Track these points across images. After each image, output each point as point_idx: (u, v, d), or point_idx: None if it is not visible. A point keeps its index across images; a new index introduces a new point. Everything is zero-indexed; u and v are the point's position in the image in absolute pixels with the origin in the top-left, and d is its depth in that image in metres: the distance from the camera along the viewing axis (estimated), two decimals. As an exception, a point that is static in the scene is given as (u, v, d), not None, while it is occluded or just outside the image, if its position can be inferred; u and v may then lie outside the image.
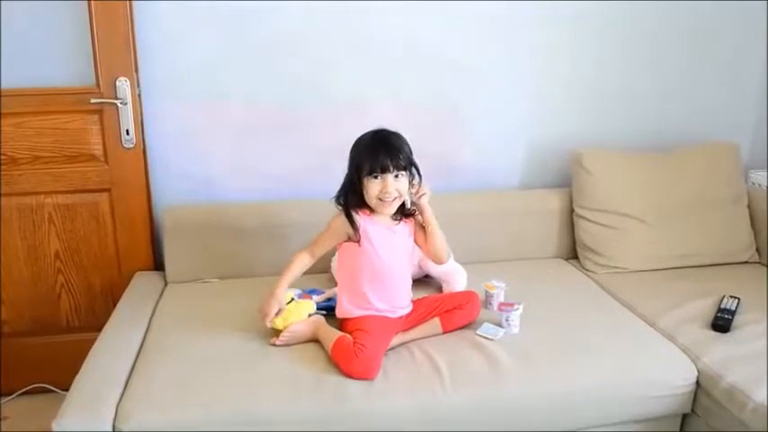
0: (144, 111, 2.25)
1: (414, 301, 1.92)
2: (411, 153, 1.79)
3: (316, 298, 1.96)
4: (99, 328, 1.91)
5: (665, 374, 1.79)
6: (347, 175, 1.81)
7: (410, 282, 1.93)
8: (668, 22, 2.54)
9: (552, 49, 2.50)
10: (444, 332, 1.88)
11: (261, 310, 1.80)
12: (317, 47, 2.32)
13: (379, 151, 1.74)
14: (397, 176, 1.75)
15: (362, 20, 2.32)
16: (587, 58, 2.53)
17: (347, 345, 1.70)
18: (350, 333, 1.76)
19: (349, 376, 1.66)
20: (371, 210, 1.81)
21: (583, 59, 2.53)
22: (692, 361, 1.81)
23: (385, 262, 1.81)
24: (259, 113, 2.35)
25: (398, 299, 1.86)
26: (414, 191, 1.81)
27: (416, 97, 2.43)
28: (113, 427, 1.52)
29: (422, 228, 1.88)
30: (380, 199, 1.76)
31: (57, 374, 2.25)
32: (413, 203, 1.83)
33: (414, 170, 1.79)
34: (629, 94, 2.60)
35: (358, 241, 1.80)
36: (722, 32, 2.60)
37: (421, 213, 1.85)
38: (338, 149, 1.86)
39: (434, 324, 1.88)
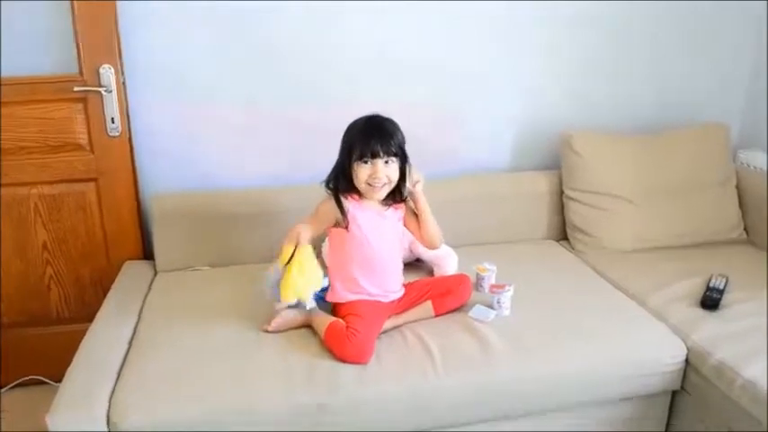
0: (131, 99, 2.22)
1: (405, 285, 1.92)
2: (403, 140, 1.79)
3: None
4: (89, 319, 1.90)
5: (656, 353, 1.81)
6: (338, 159, 1.81)
7: (401, 266, 1.93)
8: (660, 8, 2.54)
9: (544, 35, 2.49)
10: (436, 315, 1.89)
11: (291, 231, 1.74)
12: (310, 39, 2.30)
13: (372, 136, 1.73)
14: (387, 162, 1.75)
15: (357, 19, 2.31)
16: (577, 44, 2.52)
17: (340, 329, 1.70)
18: (342, 318, 1.76)
19: (342, 360, 1.67)
20: (360, 195, 1.81)
21: (573, 45, 2.52)
22: (682, 339, 1.83)
23: (375, 247, 1.81)
24: (248, 101, 2.33)
25: (389, 283, 1.86)
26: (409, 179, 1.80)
27: (407, 82, 2.42)
28: (107, 421, 1.52)
29: (413, 213, 1.88)
30: (369, 184, 1.75)
31: (49, 366, 2.24)
32: (408, 191, 1.83)
33: (406, 156, 1.78)
34: (619, 77, 2.60)
35: (346, 227, 1.79)
36: (712, 16, 2.59)
37: (415, 201, 1.85)
38: (330, 139, 1.84)
39: (426, 307, 1.88)
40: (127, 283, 2.15)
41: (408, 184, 1.81)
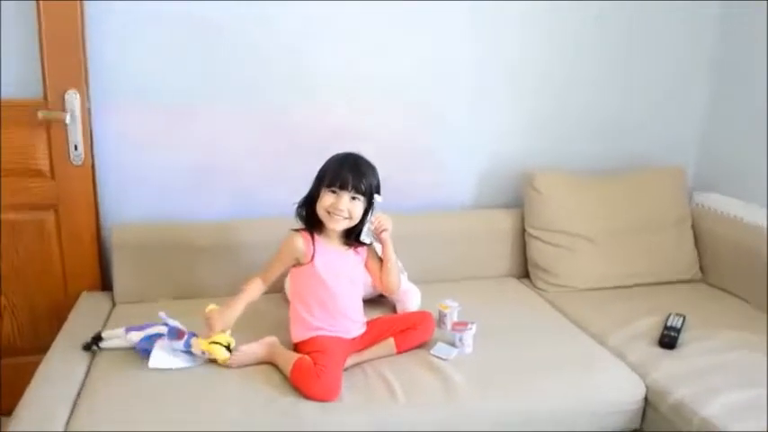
0: (94, 125, 2.19)
1: (368, 322, 1.92)
2: (377, 185, 1.81)
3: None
4: (43, 351, 1.85)
5: (615, 392, 1.83)
6: (312, 185, 1.82)
7: (360, 304, 1.92)
8: (619, 52, 2.63)
9: (511, 77, 2.55)
10: (398, 352, 1.88)
11: (207, 319, 1.75)
12: (285, 73, 2.33)
13: (345, 168, 1.76)
14: (353, 198, 1.76)
15: (330, 57, 2.35)
16: (543, 86, 2.59)
17: (308, 366, 1.68)
18: (307, 354, 1.74)
19: (311, 398, 1.64)
20: (321, 231, 1.82)
21: (539, 86, 2.59)
22: (641, 378, 1.86)
23: (331, 287, 1.81)
24: (215, 133, 2.32)
25: (347, 322, 1.85)
26: (374, 226, 1.81)
27: (374, 119, 2.44)
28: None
29: (377, 258, 1.89)
30: (329, 212, 1.76)
31: (-4, 399, 2.17)
32: (374, 237, 1.83)
33: (372, 201, 1.79)
34: (579, 120, 2.67)
35: (312, 257, 1.79)
36: (669, 60, 2.70)
37: (382, 248, 1.86)
38: (299, 172, 1.85)
39: (389, 344, 1.87)
40: (84, 314, 2.09)
41: (371, 228, 1.81)
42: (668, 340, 1.98)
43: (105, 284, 2.29)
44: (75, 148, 2.13)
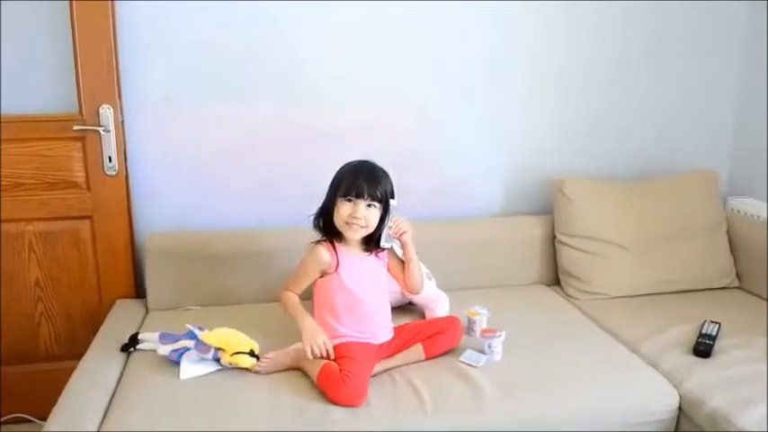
0: (127, 137, 2.24)
1: (396, 328, 1.92)
2: (391, 191, 1.82)
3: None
4: (79, 357, 1.89)
5: (648, 401, 1.80)
6: (326, 196, 1.84)
7: (388, 309, 1.93)
8: (648, 58, 2.60)
9: (537, 79, 2.54)
10: (427, 358, 1.88)
11: (318, 347, 1.75)
12: (302, 70, 2.35)
13: (359, 177, 1.77)
14: (369, 206, 1.77)
15: (350, 51, 2.37)
16: (570, 89, 2.57)
17: (334, 372, 1.69)
18: (334, 361, 1.75)
19: (336, 403, 1.65)
20: (340, 239, 1.83)
21: (566, 90, 2.57)
22: (675, 386, 1.82)
23: (356, 291, 1.82)
24: (244, 143, 2.36)
25: (375, 327, 1.86)
26: (392, 231, 1.81)
27: (400, 125, 2.45)
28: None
29: (399, 260, 1.89)
30: (347, 222, 1.77)
31: (35, 404, 2.21)
32: (395, 241, 1.84)
33: (388, 207, 1.80)
34: (609, 124, 2.64)
35: (336, 266, 1.80)
36: (699, 63, 2.66)
37: (403, 250, 1.86)
38: (323, 178, 1.86)
39: (417, 350, 1.87)
40: (118, 321, 2.14)
41: (390, 233, 1.81)
42: (703, 348, 1.94)
43: (138, 292, 2.34)
44: (110, 159, 2.19)
